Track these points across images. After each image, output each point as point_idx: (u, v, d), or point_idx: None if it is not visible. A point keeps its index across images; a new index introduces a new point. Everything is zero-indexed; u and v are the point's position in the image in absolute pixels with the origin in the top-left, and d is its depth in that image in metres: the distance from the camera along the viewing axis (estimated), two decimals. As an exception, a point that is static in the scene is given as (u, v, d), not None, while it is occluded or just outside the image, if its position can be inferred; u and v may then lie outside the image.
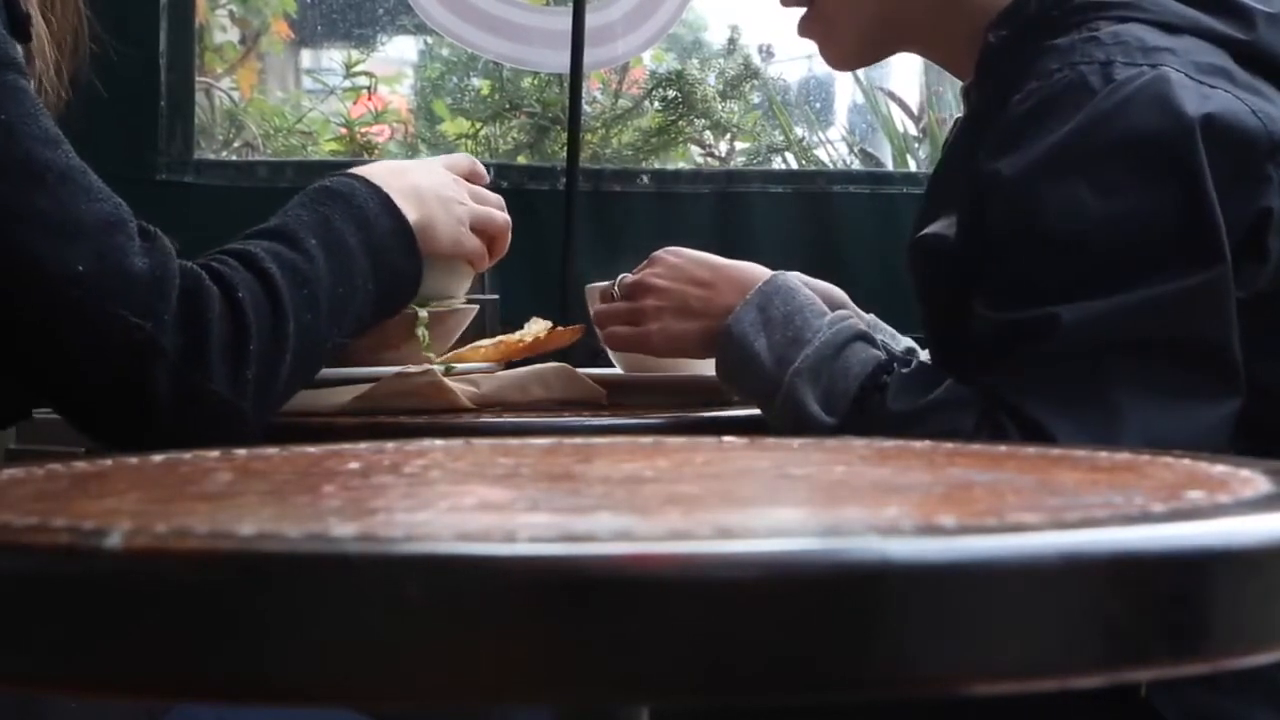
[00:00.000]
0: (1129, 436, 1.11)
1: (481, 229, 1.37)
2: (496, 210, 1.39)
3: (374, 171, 1.29)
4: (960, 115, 1.41)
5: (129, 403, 1.10)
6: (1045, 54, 1.21)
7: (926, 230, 1.29)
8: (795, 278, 1.32)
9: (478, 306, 1.45)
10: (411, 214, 1.27)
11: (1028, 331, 1.15)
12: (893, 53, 1.49)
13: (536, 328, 1.46)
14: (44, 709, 1.10)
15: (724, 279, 1.33)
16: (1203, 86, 1.16)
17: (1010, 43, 1.25)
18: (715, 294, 1.31)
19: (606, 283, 1.47)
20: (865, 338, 1.25)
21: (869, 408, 1.20)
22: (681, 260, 1.36)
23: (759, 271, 1.32)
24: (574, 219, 2.13)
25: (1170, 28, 1.21)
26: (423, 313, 1.32)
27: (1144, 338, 1.14)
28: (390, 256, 1.24)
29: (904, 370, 1.21)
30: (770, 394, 1.24)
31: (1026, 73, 1.21)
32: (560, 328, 1.46)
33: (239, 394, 1.11)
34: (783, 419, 1.24)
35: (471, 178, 1.39)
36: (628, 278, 1.40)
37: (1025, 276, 1.17)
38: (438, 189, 1.32)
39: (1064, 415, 1.12)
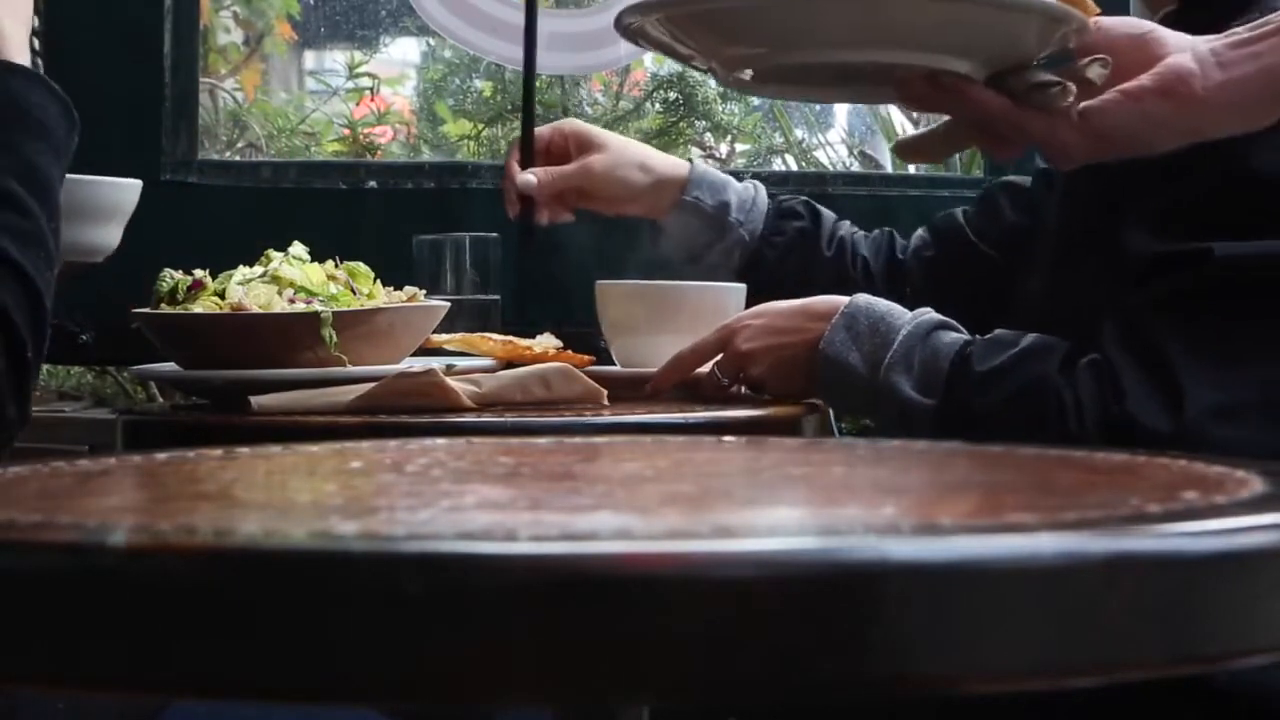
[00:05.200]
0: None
1: None
2: None
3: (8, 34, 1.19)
4: None
5: None
6: None
7: None
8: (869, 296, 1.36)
9: (442, 305, 1.44)
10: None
11: (1181, 262, 1.15)
12: None
13: (549, 343, 1.47)
14: (36, 707, 1.09)
15: (805, 316, 1.35)
16: None
17: None
18: (805, 334, 1.34)
19: (618, 281, 1.51)
20: (948, 325, 1.29)
21: (959, 379, 1.23)
22: (759, 320, 1.38)
23: (833, 299, 1.35)
24: (532, 218, 2.09)
25: None
26: (325, 313, 1.31)
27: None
28: (67, 143, 1.18)
29: (984, 338, 1.25)
30: (870, 397, 1.28)
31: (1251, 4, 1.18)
32: (570, 352, 1.46)
33: (21, 414, 1.08)
34: (885, 416, 1.28)
35: None
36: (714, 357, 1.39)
37: (1201, 207, 1.16)
38: None
39: (1187, 349, 1.14)
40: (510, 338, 1.48)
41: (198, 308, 1.36)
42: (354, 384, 1.29)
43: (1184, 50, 1.02)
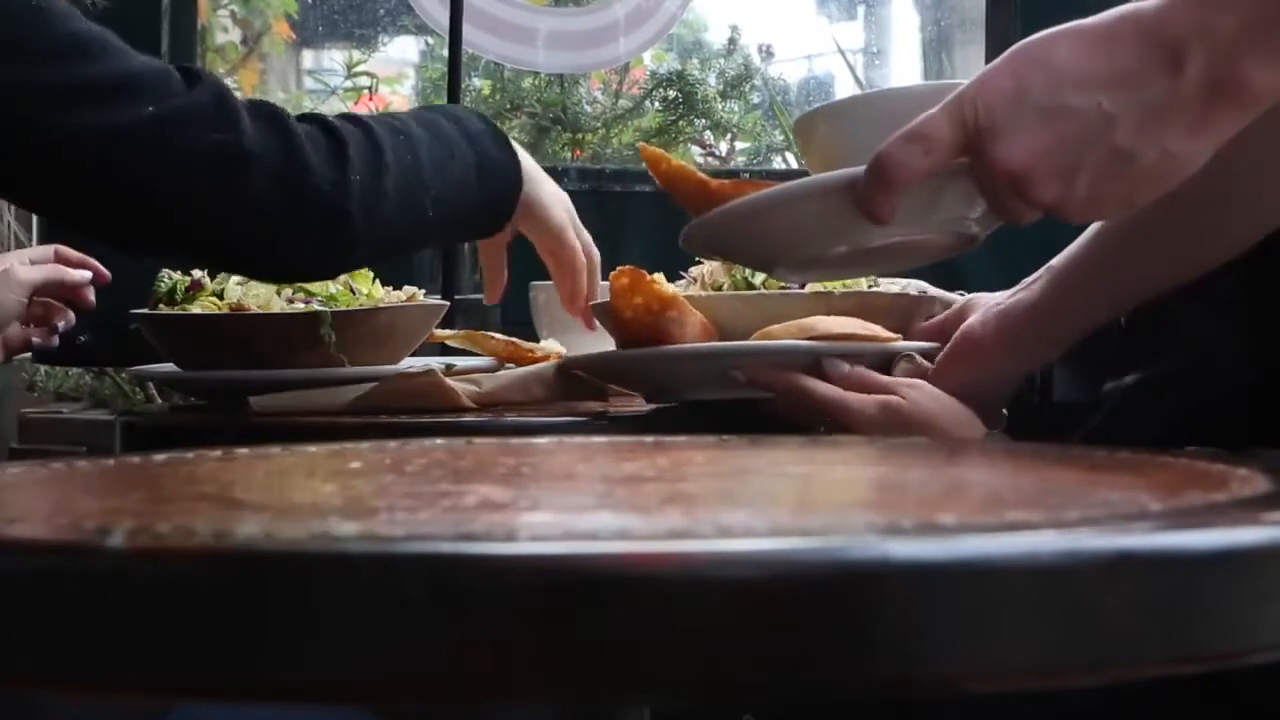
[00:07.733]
0: None
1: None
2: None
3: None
4: None
5: (239, 217, 1.09)
6: None
7: None
8: None
9: (441, 305, 1.44)
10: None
11: None
12: None
13: (553, 349, 1.47)
14: (42, 709, 1.10)
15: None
16: None
17: None
18: None
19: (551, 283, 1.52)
20: None
21: None
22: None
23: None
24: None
25: None
26: (324, 313, 1.32)
27: None
28: (484, 143, 1.26)
29: None
30: None
31: None
32: None
33: (343, 193, 1.11)
34: None
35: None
36: None
37: None
38: None
39: None
40: (514, 339, 1.48)
41: (196, 308, 1.36)
42: (354, 384, 1.29)
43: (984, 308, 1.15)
